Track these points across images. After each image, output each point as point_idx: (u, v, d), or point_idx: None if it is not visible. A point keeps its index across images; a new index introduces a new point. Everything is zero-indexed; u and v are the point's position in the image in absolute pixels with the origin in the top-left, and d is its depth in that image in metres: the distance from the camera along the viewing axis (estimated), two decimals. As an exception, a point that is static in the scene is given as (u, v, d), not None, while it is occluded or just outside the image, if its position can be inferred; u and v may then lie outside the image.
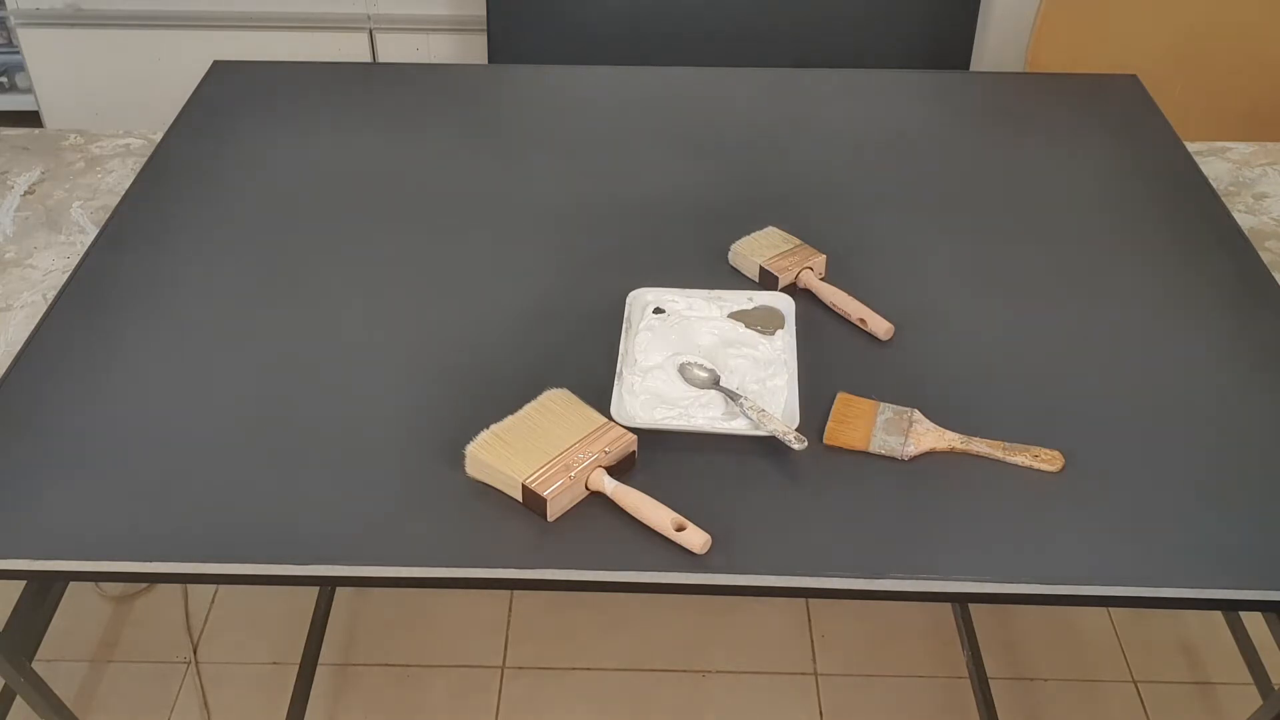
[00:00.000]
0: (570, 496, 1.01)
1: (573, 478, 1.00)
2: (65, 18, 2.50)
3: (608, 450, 1.03)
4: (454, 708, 1.75)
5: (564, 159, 1.50)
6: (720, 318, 1.21)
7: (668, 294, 1.24)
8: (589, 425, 1.05)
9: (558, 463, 1.01)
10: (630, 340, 1.18)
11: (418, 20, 2.50)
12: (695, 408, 1.10)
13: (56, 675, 1.76)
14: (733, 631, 1.85)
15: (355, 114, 1.59)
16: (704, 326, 1.20)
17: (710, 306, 1.22)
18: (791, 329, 1.19)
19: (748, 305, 1.22)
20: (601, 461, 1.02)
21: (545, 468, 1.01)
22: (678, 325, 1.20)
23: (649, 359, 1.15)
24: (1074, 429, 1.09)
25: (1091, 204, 1.42)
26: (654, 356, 1.16)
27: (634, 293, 1.24)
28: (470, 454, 1.03)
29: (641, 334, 1.18)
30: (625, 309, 1.22)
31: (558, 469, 1.01)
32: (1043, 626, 1.86)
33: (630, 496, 0.99)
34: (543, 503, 0.99)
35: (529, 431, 1.05)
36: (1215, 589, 0.96)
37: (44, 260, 1.40)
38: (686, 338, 1.18)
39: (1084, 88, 1.66)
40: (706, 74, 1.70)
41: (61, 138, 1.65)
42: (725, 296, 1.23)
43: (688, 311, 1.22)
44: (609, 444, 1.03)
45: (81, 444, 1.07)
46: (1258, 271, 1.30)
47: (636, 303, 1.23)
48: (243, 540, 0.99)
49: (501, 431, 1.05)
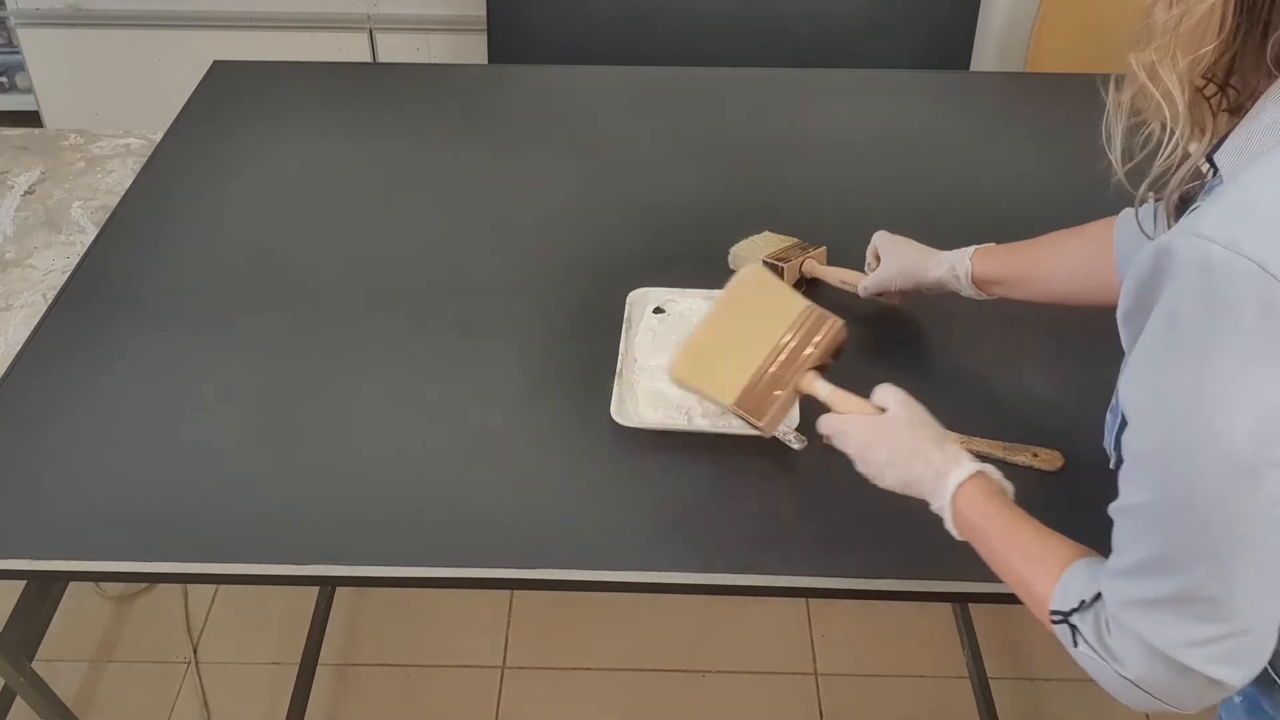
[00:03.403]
0: (782, 410, 0.95)
1: (782, 393, 0.94)
2: (65, 18, 2.50)
3: (815, 345, 0.94)
4: (454, 708, 1.75)
5: (564, 159, 1.50)
6: None
7: (668, 294, 1.24)
8: (791, 315, 0.97)
9: (764, 375, 0.95)
10: (630, 340, 1.18)
11: (418, 20, 2.49)
12: (695, 407, 1.10)
13: (56, 675, 1.76)
14: (733, 631, 1.85)
15: (355, 114, 1.59)
16: None
17: (710, 306, 1.22)
18: None
19: None
20: (810, 362, 0.94)
21: (752, 384, 0.94)
22: (678, 325, 1.20)
23: (649, 359, 1.15)
24: (1074, 429, 1.09)
25: (1091, 204, 1.42)
26: (654, 356, 1.16)
27: (634, 293, 1.24)
28: (674, 374, 0.99)
29: (641, 334, 1.18)
30: (625, 309, 1.22)
31: (765, 384, 0.94)
32: (1043, 627, 1.86)
33: (850, 403, 0.93)
34: (757, 424, 0.94)
35: (728, 334, 0.98)
36: (1215, 589, 0.96)
37: (44, 260, 1.40)
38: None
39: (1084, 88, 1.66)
40: (706, 74, 1.70)
41: (61, 138, 1.65)
42: None
43: (688, 311, 1.22)
44: (815, 338, 0.95)
45: (81, 444, 1.08)
46: (1258, 271, 1.30)
47: (636, 303, 1.23)
48: (243, 540, 0.99)
49: (700, 340, 0.99)
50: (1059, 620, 0.77)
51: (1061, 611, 0.76)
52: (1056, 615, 0.77)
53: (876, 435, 0.90)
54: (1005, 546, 0.82)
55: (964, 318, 1.23)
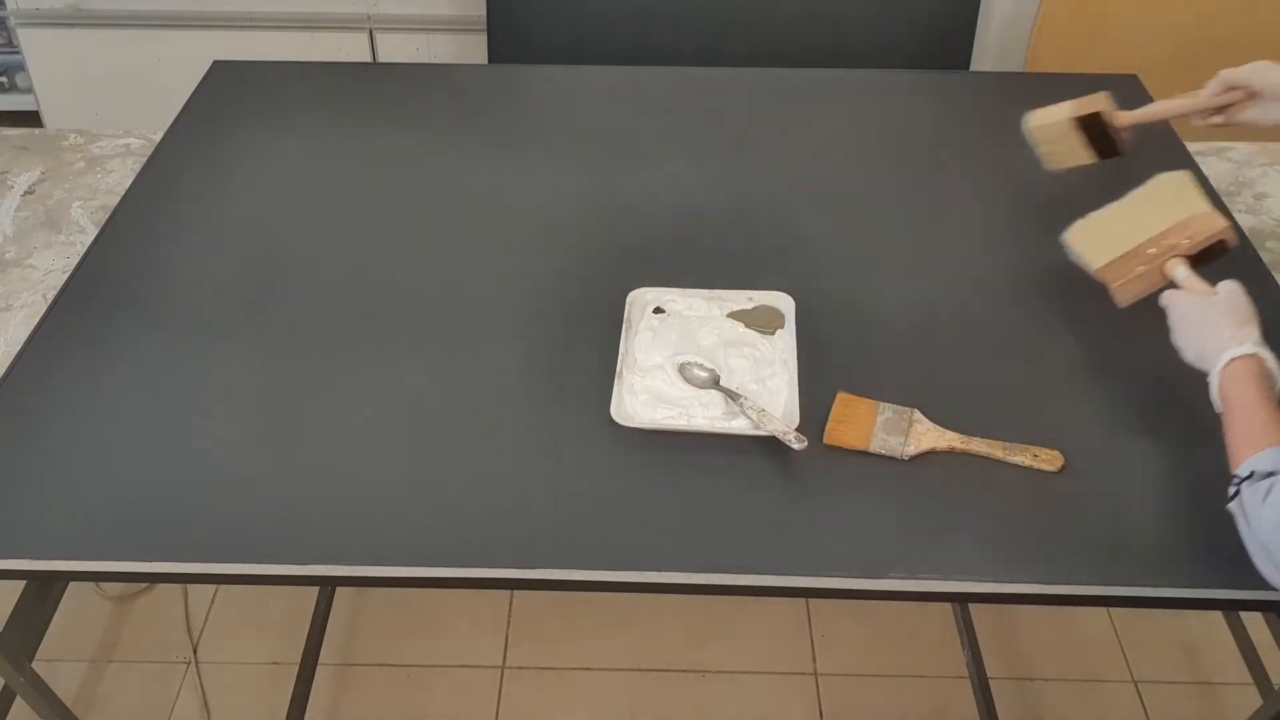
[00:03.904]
0: (1143, 286, 1.10)
1: (1144, 269, 1.09)
2: (65, 18, 2.50)
3: (1190, 238, 1.08)
4: (454, 708, 1.75)
5: (564, 159, 1.50)
6: (720, 317, 1.21)
7: (667, 294, 1.24)
8: (1183, 212, 1.11)
9: (1137, 252, 1.10)
10: (630, 340, 1.18)
11: (418, 20, 2.49)
12: (695, 407, 1.10)
13: (56, 675, 1.76)
14: (733, 631, 1.85)
15: (355, 114, 1.59)
16: (704, 326, 1.20)
17: (710, 306, 1.22)
18: (791, 329, 1.19)
19: (747, 305, 1.22)
20: (1180, 250, 1.08)
21: (1124, 258, 1.10)
22: (678, 325, 1.20)
23: (649, 359, 1.15)
24: (1074, 429, 1.09)
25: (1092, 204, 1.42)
26: (654, 356, 1.16)
27: (634, 292, 1.24)
28: (1069, 237, 1.19)
29: (642, 334, 1.18)
30: (625, 309, 1.22)
31: (1133, 259, 1.10)
32: (1043, 626, 1.86)
33: (1195, 285, 1.06)
34: (1112, 288, 1.10)
35: (1125, 217, 1.15)
36: (1215, 589, 0.96)
37: (44, 260, 1.40)
38: (686, 337, 1.18)
39: (1084, 88, 1.66)
40: (706, 73, 1.70)
41: (61, 138, 1.65)
42: (725, 296, 1.23)
43: (688, 311, 1.22)
44: (1191, 231, 1.09)
45: (81, 444, 1.08)
46: (1258, 271, 1.30)
47: (636, 303, 1.23)
48: (243, 540, 0.99)
49: (1102, 216, 1.17)
50: (1234, 483, 0.90)
51: (1238, 476, 0.90)
52: (1234, 478, 0.90)
53: (1192, 312, 1.03)
54: (1236, 420, 0.94)
55: (961, 317, 1.23)
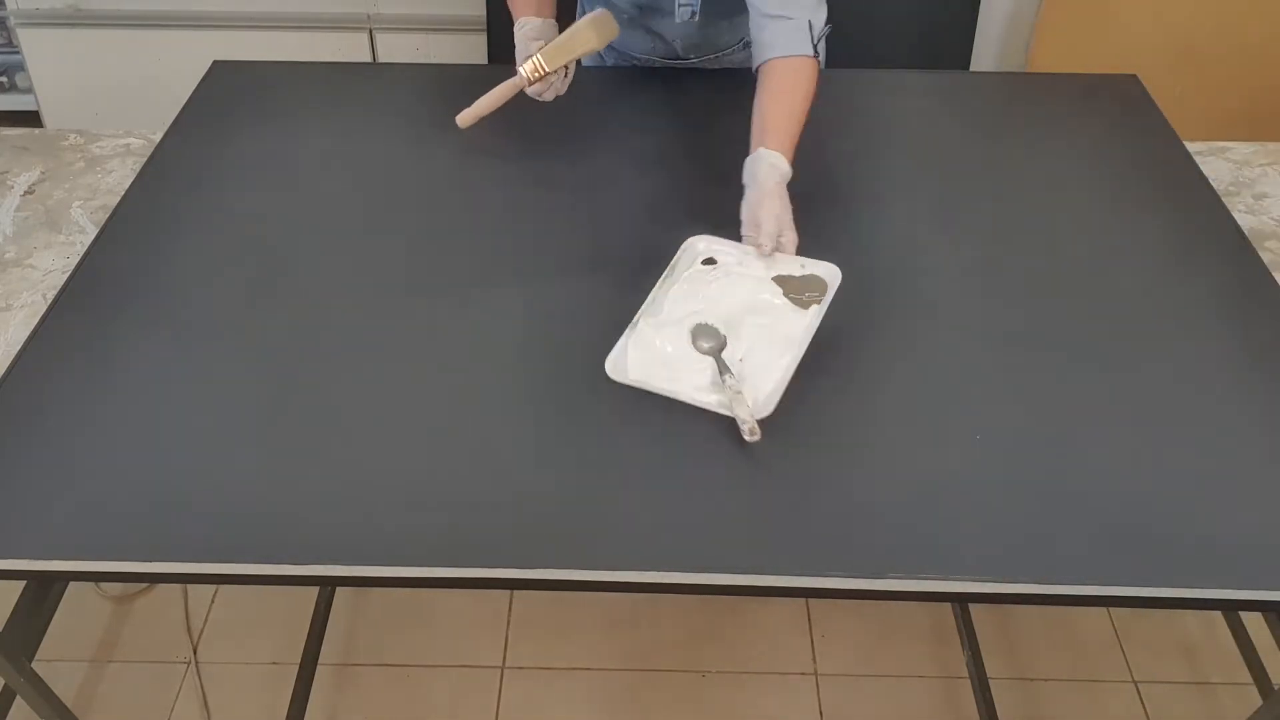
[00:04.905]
0: None
1: None
2: (65, 18, 2.50)
3: None
4: (454, 708, 1.75)
5: (564, 159, 1.50)
6: (765, 278, 1.22)
7: (720, 244, 1.25)
8: None
9: None
10: (663, 289, 1.20)
11: (418, 20, 2.50)
12: (686, 371, 1.12)
13: (56, 675, 1.75)
14: (733, 631, 1.85)
15: (355, 114, 1.59)
16: (741, 285, 1.21)
17: (760, 264, 1.23)
18: (825, 306, 1.19)
19: (797, 271, 1.23)
20: None
21: None
22: (716, 281, 1.21)
23: (671, 313, 1.17)
24: (1074, 429, 1.09)
25: (1091, 204, 1.42)
26: (676, 312, 1.18)
27: (690, 240, 1.26)
28: None
29: (680, 284, 1.21)
30: (675, 255, 1.24)
31: None
32: (1043, 626, 1.86)
33: None
34: None
35: None
36: (1215, 589, 0.96)
37: (44, 260, 1.40)
38: (717, 295, 1.20)
39: (1084, 88, 1.66)
40: (706, 74, 1.70)
41: (61, 138, 1.65)
42: (779, 259, 1.24)
43: (737, 267, 1.23)
44: None
45: (81, 443, 1.07)
46: (1257, 271, 1.30)
47: (688, 251, 1.25)
48: (243, 540, 0.99)
49: None
50: None
51: None
52: None
53: None
54: None
55: (961, 317, 1.23)
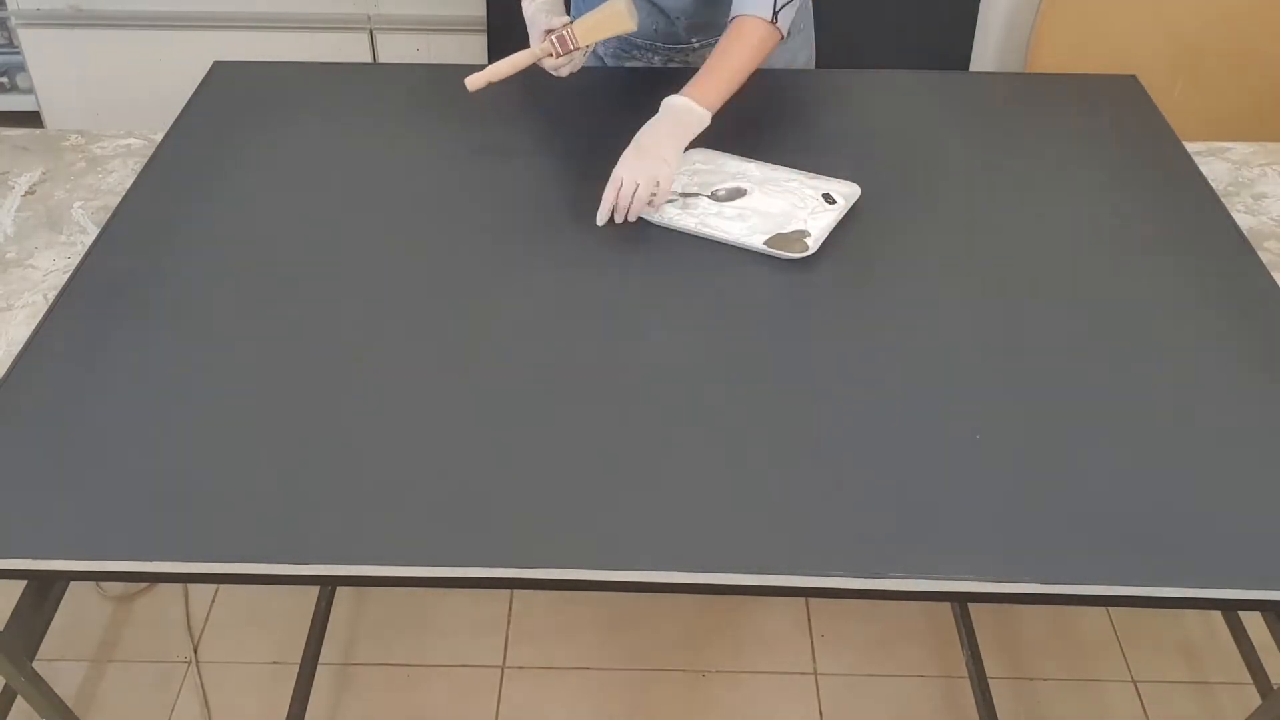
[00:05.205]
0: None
1: None
2: (65, 18, 2.50)
3: None
4: (454, 708, 1.75)
5: (564, 159, 1.50)
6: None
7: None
8: None
9: None
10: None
11: (418, 20, 2.50)
12: (713, 218, 1.35)
13: (56, 675, 1.76)
14: (733, 631, 1.85)
15: (355, 114, 1.59)
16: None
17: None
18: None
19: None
20: None
21: None
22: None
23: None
24: (1073, 429, 1.09)
25: (1090, 204, 1.42)
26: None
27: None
28: None
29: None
30: None
31: None
32: (1043, 626, 1.86)
33: None
34: None
35: None
36: (1215, 589, 0.96)
37: (44, 260, 1.40)
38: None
39: (1084, 88, 1.66)
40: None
41: (62, 138, 1.65)
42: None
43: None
44: None
45: (82, 443, 1.08)
46: (1257, 272, 1.30)
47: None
48: (243, 540, 0.99)
49: None
50: None
51: None
52: None
53: None
54: None
55: (961, 317, 1.23)
